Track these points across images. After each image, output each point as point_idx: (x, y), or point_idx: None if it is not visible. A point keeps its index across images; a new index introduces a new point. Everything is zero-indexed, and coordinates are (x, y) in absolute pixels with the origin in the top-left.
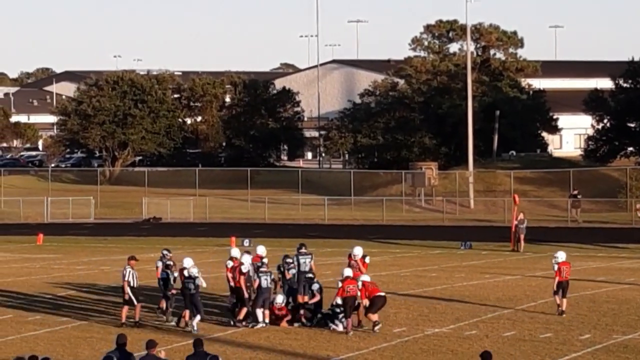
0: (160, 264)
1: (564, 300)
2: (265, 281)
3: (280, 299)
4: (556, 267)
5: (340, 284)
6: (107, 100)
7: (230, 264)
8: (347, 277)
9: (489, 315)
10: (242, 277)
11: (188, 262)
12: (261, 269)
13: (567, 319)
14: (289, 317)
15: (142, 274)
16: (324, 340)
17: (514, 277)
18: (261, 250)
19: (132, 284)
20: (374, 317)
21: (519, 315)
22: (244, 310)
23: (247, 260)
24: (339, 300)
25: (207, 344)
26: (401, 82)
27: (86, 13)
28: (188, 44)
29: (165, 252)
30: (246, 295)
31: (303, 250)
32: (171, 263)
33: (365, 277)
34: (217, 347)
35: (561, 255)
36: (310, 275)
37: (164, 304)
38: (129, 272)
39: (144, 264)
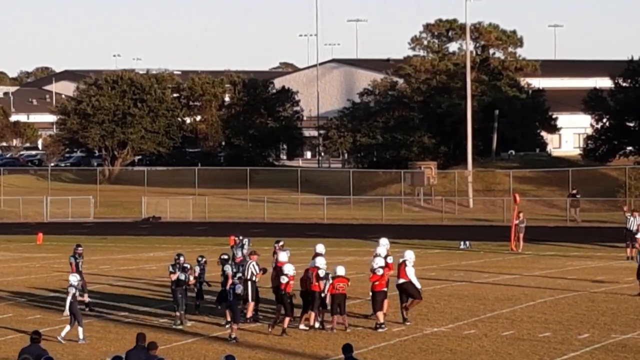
0: (180, 268)
1: None
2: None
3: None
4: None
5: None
6: (107, 100)
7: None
8: (339, 275)
9: (488, 315)
10: (321, 282)
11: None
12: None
13: (566, 318)
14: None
15: (140, 273)
16: (322, 340)
17: (512, 276)
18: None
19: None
20: (380, 316)
21: (517, 314)
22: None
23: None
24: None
25: (206, 343)
26: (400, 81)
27: (86, 12)
28: (187, 43)
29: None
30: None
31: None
32: (187, 266)
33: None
34: (216, 347)
35: None
36: None
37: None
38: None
39: (142, 263)
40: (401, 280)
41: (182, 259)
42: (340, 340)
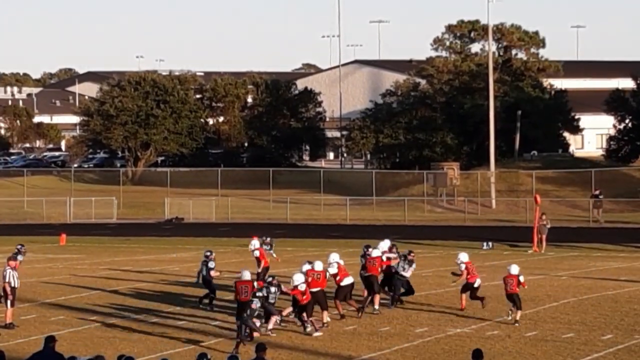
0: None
1: None
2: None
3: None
4: None
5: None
6: (130, 101)
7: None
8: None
9: (511, 316)
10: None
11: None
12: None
13: (589, 319)
14: None
15: (163, 274)
16: (346, 341)
17: (535, 277)
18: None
19: (13, 285)
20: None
21: (540, 315)
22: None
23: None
24: None
25: (230, 344)
26: (423, 82)
27: (109, 14)
28: (210, 45)
29: (208, 253)
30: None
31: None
32: (213, 265)
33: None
34: (239, 348)
35: None
36: None
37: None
38: (10, 273)
39: (165, 264)
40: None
41: (212, 255)
42: (364, 341)
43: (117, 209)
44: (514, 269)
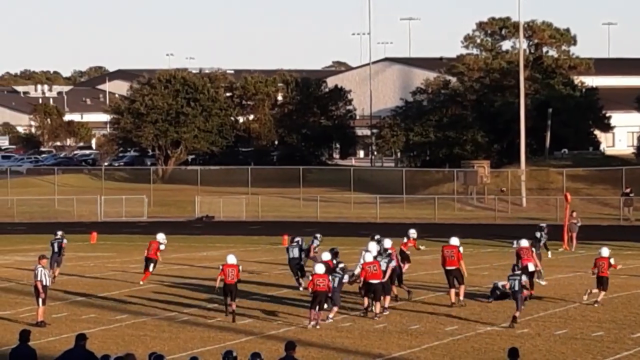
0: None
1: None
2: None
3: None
4: None
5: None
6: (160, 99)
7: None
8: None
9: (541, 314)
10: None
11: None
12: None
13: (619, 317)
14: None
15: (193, 272)
16: (376, 339)
17: (566, 275)
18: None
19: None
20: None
21: (570, 313)
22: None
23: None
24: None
25: (260, 342)
26: (453, 79)
27: (139, 12)
28: (240, 43)
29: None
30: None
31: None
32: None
33: None
34: (269, 345)
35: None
36: None
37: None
38: (41, 271)
39: (196, 262)
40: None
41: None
42: (393, 339)
43: (147, 207)
44: (605, 252)
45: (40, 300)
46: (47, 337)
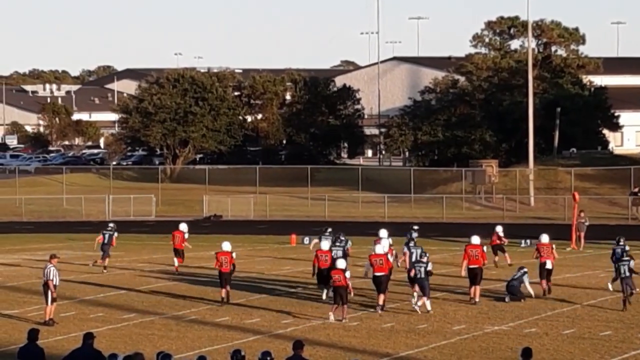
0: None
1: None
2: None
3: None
4: None
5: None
6: (168, 98)
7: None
8: (338, 268)
9: (549, 313)
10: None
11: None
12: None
13: (627, 317)
14: None
15: (201, 271)
16: (383, 338)
17: (574, 274)
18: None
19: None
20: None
21: (578, 313)
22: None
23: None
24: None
25: (268, 341)
26: (462, 79)
27: (147, 11)
28: (249, 42)
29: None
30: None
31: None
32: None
33: None
34: (277, 344)
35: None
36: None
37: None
38: (52, 270)
39: (204, 262)
40: None
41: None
42: (401, 339)
43: (155, 207)
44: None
45: (50, 299)
46: (55, 336)
